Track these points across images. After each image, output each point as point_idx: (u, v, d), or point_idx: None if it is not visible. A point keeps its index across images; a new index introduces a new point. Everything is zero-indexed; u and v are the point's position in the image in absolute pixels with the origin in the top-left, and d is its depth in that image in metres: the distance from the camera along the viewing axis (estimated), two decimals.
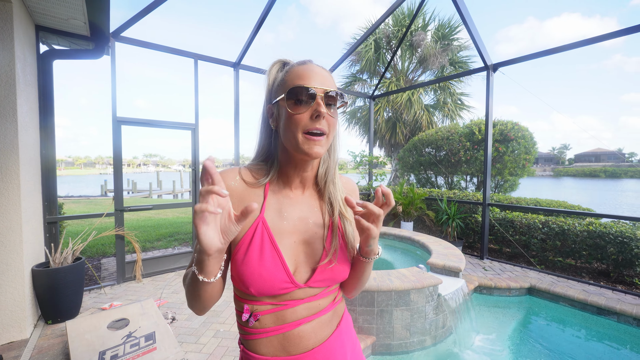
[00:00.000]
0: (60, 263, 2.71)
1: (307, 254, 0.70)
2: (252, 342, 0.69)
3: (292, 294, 0.68)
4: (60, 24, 2.89)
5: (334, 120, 0.67)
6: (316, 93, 0.63)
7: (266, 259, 0.65)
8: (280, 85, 0.68)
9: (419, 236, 3.99)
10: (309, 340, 0.69)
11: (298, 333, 0.68)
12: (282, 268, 0.65)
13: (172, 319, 2.71)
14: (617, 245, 3.51)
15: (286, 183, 0.73)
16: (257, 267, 0.64)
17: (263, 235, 0.66)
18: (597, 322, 2.86)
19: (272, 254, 0.65)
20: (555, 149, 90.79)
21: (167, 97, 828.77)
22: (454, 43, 10.38)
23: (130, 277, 3.63)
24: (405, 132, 10.84)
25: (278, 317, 0.67)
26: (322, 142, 0.64)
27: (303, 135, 0.63)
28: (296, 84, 0.64)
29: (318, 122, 0.63)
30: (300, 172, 0.71)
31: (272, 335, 0.68)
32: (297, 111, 0.63)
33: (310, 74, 0.65)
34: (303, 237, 0.70)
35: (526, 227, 4.32)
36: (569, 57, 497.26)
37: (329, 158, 0.74)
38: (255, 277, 0.63)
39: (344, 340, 0.75)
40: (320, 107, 0.62)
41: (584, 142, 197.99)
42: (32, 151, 2.73)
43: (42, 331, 2.53)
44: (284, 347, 0.68)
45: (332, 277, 0.71)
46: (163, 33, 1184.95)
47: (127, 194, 22.96)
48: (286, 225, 0.70)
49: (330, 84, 0.67)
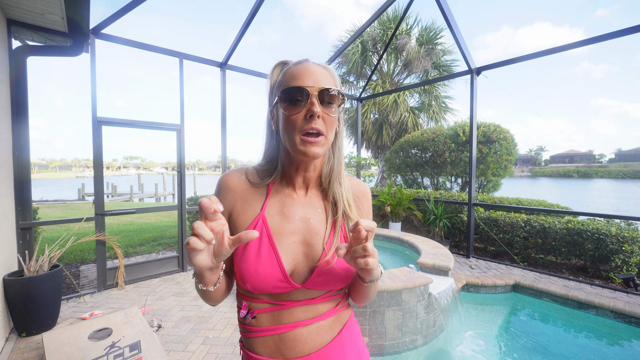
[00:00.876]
0: (35, 271, 2.55)
1: (307, 255, 0.68)
2: (250, 340, 0.70)
3: (290, 295, 0.67)
4: (35, 18, 2.74)
5: (332, 119, 0.65)
6: (310, 92, 0.61)
7: (263, 256, 0.64)
8: (278, 88, 0.67)
9: (407, 236, 4.04)
10: (305, 345, 0.67)
11: (294, 336, 0.66)
12: (278, 266, 0.64)
13: (158, 326, 2.61)
14: (594, 242, 3.68)
15: (289, 183, 0.72)
16: (254, 263, 0.64)
17: (262, 233, 0.66)
18: (578, 315, 2.98)
19: (269, 251, 0.65)
20: (532, 150, 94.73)
21: (150, 98, 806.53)
22: (437, 47, 10.65)
23: (112, 284, 3.47)
24: (392, 133, 11.00)
25: (275, 316, 0.67)
26: (319, 142, 0.63)
27: (300, 136, 0.62)
28: (290, 84, 0.63)
29: (313, 122, 0.61)
30: (302, 173, 0.71)
31: (268, 335, 0.67)
32: (291, 112, 0.62)
33: (304, 72, 0.64)
34: (304, 238, 0.69)
35: (509, 226, 4.46)
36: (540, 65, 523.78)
37: (333, 157, 0.73)
38: (251, 274, 0.64)
39: (344, 349, 0.72)
40: (314, 107, 0.61)
41: (558, 144, 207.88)
42: (3, 152, 2.57)
43: (15, 345, 2.36)
44: (279, 349, 0.67)
45: (332, 280, 0.68)
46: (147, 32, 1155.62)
47: (107, 197, 22.08)
48: (287, 225, 0.69)
49: (328, 81, 0.65)
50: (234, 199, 0.70)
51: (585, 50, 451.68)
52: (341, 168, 0.74)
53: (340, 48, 5.27)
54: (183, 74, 3.94)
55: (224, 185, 0.71)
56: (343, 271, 0.69)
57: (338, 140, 0.72)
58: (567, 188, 36.92)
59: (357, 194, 0.78)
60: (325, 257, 0.67)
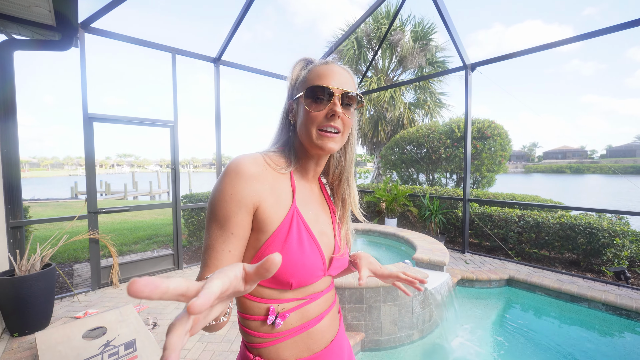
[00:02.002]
0: (27, 270, 2.50)
1: (324, 243, 0.71)
2: (275, 348, 0.64)
3: (315, 286, 0.69)
4: (21, 11, 2.66)
5: (350, 121, 0.69)
6: (334, 93, 0.65)
7: (306, 248, 0.64)
8: (301, 83, 0.69)
9: (403, 232, 4.05)
10: (328, 334, 0.70)
11: (320, 328, 0.68)
12: (320, 257, 0.67)
13: (153, 324, 2.59)
14: (587, 236, 3.74)
15: (304, 174, 0.74)
16: (300, 256, 0.63)
17: (299, 224, 0.65)
18: (571, 308, 3.03)
19: (310, 243, 0.66)
20: (526, 147, 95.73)
21: (143, 94, 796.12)
22: (431, 43, 10.64)
23: (107, 282, 3.43)
24: (388, 130, 11.00)
25: (303, 313, 0.66)
26: (336, 139, 0.67)
27: (317, 131, 0.65)
28: (316, 83, 0.65)
29: (333, 121, 0.65)
30: (314, 166, 0.74)
31: (297, 335, 0.65)
32: (314, 109, 0.65)
33: (330, 73, 0.66)
34: (321, 228, 0.72)
35: (503, 221, 4.51)
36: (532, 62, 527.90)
37: (345, 157, 0.78)
38: (298, 267, 0.62)
39: (344, 331, 0.80)
40: (336, 107, 0.64)
41: (550, 140, 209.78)
42: None
43: (7, 345, 2.32)
44: (307, 345, 0.67)
45: (342, 265, 0.75)
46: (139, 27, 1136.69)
47: (101, 195, 21.80)
48: (311, 215, 0.71)
49: (350, 84, 0.68)
50: (261, 189, 0.62)
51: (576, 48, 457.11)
52: (352, 169, 0.79)
53: (334, 44, 5.23)
54: (176, 70, 3.87)
55: (243, 172, 0.60)
56: (348, 258, 0.80)
57: (350, 141, 0.77)
58: (560, 184, 37.44)
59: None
60: (341, 249, 0.75)
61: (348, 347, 0.81)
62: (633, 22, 3.03)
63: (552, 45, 3.56)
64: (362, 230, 4.48)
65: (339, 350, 0.73)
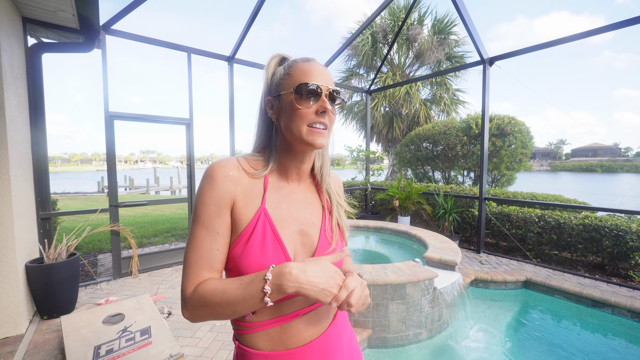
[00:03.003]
0: (54, 259, 2.68)
1: (304, 244, 0.71)
2: (249, 336, 0.68)
3: None
4: (48, 16, 2.83)
5: (334, 117, 0.72)
6: (322, 90, 0.67)
7: (268, 249, 0.65)
8: (283, 79, 0.69)
9: (415, 230, 3.99)
10: (307, 333, 0.69)
11: (295, 325, 0.68)
12: (284, 257, 0.66)
13: (168, 313, 2.71)
14: (613, 239, 3.53)
15: (283, 175, 0.74)
16: (260, 257, 0.64)
17: (264, 226, 0.67)
18: (592, 314, 2.89)
19: (274, 243, 0.66)
20: (553, 144, 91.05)
21: (163, 92, 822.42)
22: (450, 37, 10.31)
23: (127, 272, 3.61)
24: (403, 127, 10.81)
25: (275, 308, 0.66)
26: (325, 134, 0.69)
27: (307, 127, 0.66)
28: (303, 80, 0.67)
29: (323, 117, 0.67)
30: (298, 164, 0.74)
31: (269, 328, 0.67)
32: (303, 106, 0.66)
33: (315, 71, 0.68)
34: (300, 228, 0.71)
35: (522, 221, 4.34)
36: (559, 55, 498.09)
37: (325, 152, 0.79)
38: (257, 268, 0.63)
39: (340, 333, 0.75)
40: (326, 104, 0.67)
41: (580, 137, 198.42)
42: (23, 147, 2.69)
43: (37, 326, 2.51)
44: (281, 340, 0.67)
45: None
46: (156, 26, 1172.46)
47: (125, 190, 22.85)
48: (285, 217, 0.71)
49: (331, 82, 0.71)
50: (235, 190, 0.66)
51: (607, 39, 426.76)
52: (329, 163, 0.80)
53: (348, 39, 5.18)
54: (191, 69, 3.98)
55: (218, 176, 0.66)
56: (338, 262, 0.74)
57: (330, 137, 0.78)
58: (589, 183, 35.40)
59: (336, 183, 0.86)
60: (331, 246, 0.73)
61: (348, 350, 0.78)
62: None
63: (578, 36, 3.36)
64: (374, 227, 4.46)
65: (321, 351, 0.70)
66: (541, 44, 3.68)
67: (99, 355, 1.93)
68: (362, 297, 0.62)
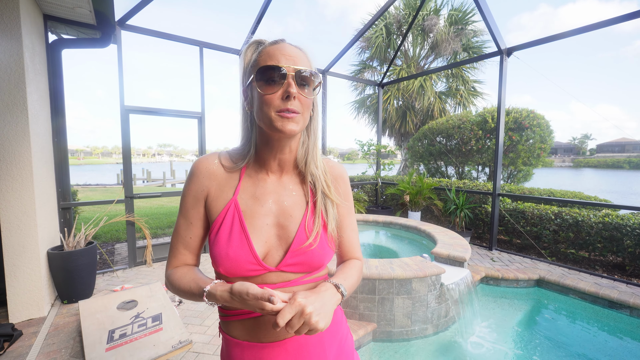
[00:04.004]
0: (73, 247, 2.82)
1: (281, 237, 0.69)
2: (226, 323, 0.71)
3: (264, 277, 0.67)
4: (67, 12, 2.92)
5: (308, 101, 0.65)
6: (287, 72, 0.61)
7: (234, 240, 0.65)
8: (252, 66, 0.66)
9: (425, 226, 3.94)
10: (281, 330, 0.65)
11: (269, 320, 0.66)
12: (249, 249, 0.65)
13: (179, 301, 2.81)
14: (635, 238, 3.37)
15: (262, 166, 0.72)
16: (225, 247, 0.65)
17: (234, 217, 0.67)
18: (609, 315, 2.78)
19: (239, 234, 0.66)
20: (576, 139, 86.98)
21: (178, 87, 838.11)
22: (467, 27, 9.96)
23: (141, 261, 3.76)
24: (416, 120, 10.60)
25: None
26: (296, 119, 0.63)
27: (276, 114, 0.62)
28: (267, 64, 0.63)
29: (289, 102, 0.62)
30: (277, 155, 0.70)
31: (243, 319, 0.68)
32: (267, 91, 0.62)
33: (281, 52, 0.63)
34: (277, 220, 0.70)
35: (538, 218, 4.19)
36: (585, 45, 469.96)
37: (308, 139, 0.73)
38: (222, 257, 0.65)
39: (323, 336, 0.71)
40: (291, 87, 0.61)
41: (606, 132, 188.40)
42: (44, 139, 2.82)
43: (58, 310, 2.66)
44: (255, 332, 0.67)
45: (307, 262, 0.68)
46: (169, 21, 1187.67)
47: (143, 182, 23.61)
48: (259, 208, 0.69)
49: (304, 63, 0.65)
50: (208, 184, 0.70)
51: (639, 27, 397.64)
52: (317, 151, 0.74)
53: (360, 32, 5.09)
54: (203, 63, 4.04)
55: (197, 171, 0.71)
56: (321, 255, 0.69)
57: (313, 123, 0.72)
58: (614, 180, 33.70)
59: (335, 175, 0.78)
60: (308, 240, 0.68)
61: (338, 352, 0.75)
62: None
63: (605, 23, 3.16)
64: (384, 222, 4.43)
65: (296, 351, 0.68)
66: (563, 32, 3.49)
67: (112, 338, 2.03)
68: (300, 325, 0.54)
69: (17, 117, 2.37)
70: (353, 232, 0.81)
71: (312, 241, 0.68)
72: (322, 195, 0.73)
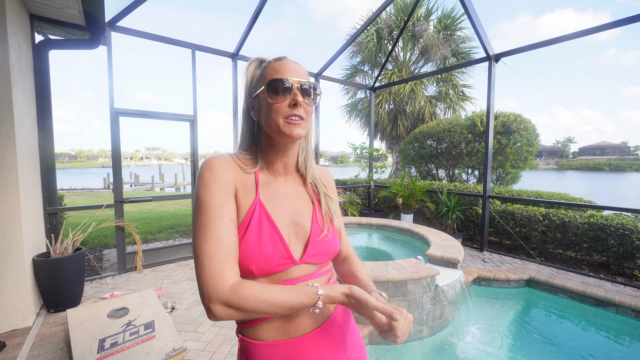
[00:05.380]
0: (60, 253, 2.73)
1: (297, 233, 0.75)
2: (252, 328, 0.71)
3: (289, 273, 0.71)
4: (54, 13, 2.85)
5: (310, 109, 0.75)
6: (292, 84, 0.71)
7: (264, 236, 0.69)
8: (259, 80, 0.74)
9: (418, 228, 3.98)
10: (308, 322, 0.72)
11: (298, 314, 0.71)
12: (281, 243, 0.70)
13: (171, 308, 2.75)
14: (618, 238, 3.49)
15: (271, 170, 0.78)
16: (257, 244, 0.67)
17: (261, 215, 0.71)
18: (596, 313, 2.87)
19: (270, 231, 0.70)
20: (560, 142, 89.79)
21: (168, 89, 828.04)
22: (456, 33, 10.20)
23: (132, 267, 3.66)
24: (407, 124, 10.75)
25: None
26: (302, 125, 0.72)
27: (283, 120, 0.70)
28: (274, 77, 0.71)
29: (296, 109, 0.70)
30: (283, 159, 0.78)
31: (272, 319, 0.70)
32: (276, 101, 0.70)
33: (285, 68, 0.72)
34: (292, 218, 0.76)
35: (527, 220, 4.30)
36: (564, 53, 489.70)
37: (307, 146, 0.82)
38: (256, 254, 0.66)
39: (341, 324, 0.78)
40: (297, 97, 0.70)
41: (587, 136, 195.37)
42: (30, 142, 2.73)
43: (44, 319, 2.57)
44: (284, 329, 0.70)
45: (324, 251, 0.77)
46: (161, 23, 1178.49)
47: (130, 187, 23.09)
48: (278, 207, 0.75)
49: (305, 77, 0.74)
50: (234, 180, 0.70)
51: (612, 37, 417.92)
52: (312, 156, 0.84)
53: (351, 37, 5.15)
54: (196, 65, 4.00)
55: (218, 166, 0.69)
56: (335, 244, 0.80)
57: (311, 129, 0.81)
58: (596, 182, 34.91)
59: (327, 177, 0.90)
60: (322, 232, 0.77)
61: (352, 340, 0.81)
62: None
63: (585, 32, 3.31)
64: (377, 225, 4.45)
65: (324, 340, 0.73)
66: (547, 40, 3.63)
67: (103, 348, 1.97)
68: (407, 330, 0.65)
69: (2, 119, 2.29)
70: (344, 229, 0.93)
71: (327, 232, 0.78)
72: (324, 195, 0.83)
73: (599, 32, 3.26)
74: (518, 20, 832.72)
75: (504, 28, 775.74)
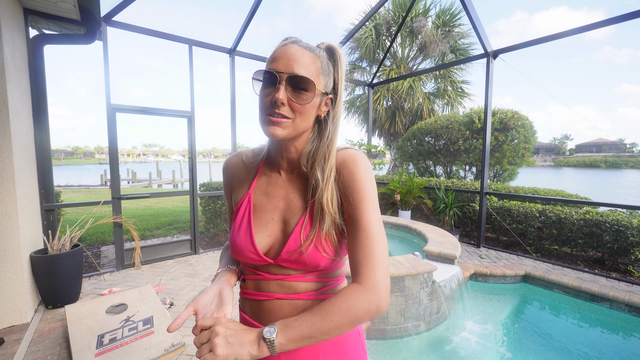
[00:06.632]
0: (58, 250, 2.72)
1: (284, 232, 0.71)
2: (242, 300, 0.80)
3: (267, 268, 0.72)
4: (49, 7, 2.81)
5: (303, 108, 0.62)
6: (277, 77, 0.60)
7: (242, 230, 0.71)
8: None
9: (416, 224, 4.01)
10: (277, 317, 0.70)
11: (268, 306, 0.72)
12: (250, 240, 0.70)
13: (170, 304, 2.75)
14: (613, 234, 3.53)
15: (274, 165, 0.75)
16: (235, 235, 0.72)
17: (245, 209, 0.73)
18: (590, 308, 2.91)
19: (246, 226, 0.71)
20: (557, 139, 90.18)
21: (165, 85, 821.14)
22: (455, 30, 10.17)
23: (130, 264, 3.66)
24: (405, 121, 10.75)
25: (256, 284, 0.74)
26: (283, 125, 0.62)
27: (266, 117, 0.62)
28: (268, 66, 0.63)
29: (276, 107, 0.60)
30: (284, 154, 0.71)
31: (251, 299, 0.75)
32: (263, 94, 0.63)
33: (282, 55, 0.61)
34: (283, 216, 0.71)
35: (523, 216, 4.33)
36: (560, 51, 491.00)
37: (318, 142, 0.68)
38: (232, 244, 0.72)
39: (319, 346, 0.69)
40: (278, 93, 0.59)
41: (583, 133, 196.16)
42: (26, 138, 2.71)
43: (42, 316, 2.57)
44: (258, 315, 0.74)
45: (302, 262, 0.66)
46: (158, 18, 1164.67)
47: (127, 183, 22.98)
48: (268, 204, 0.73)
49: (306, 67, 0.61)
50: (232, 180, 0.79)
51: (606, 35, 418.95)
52: (328, 154, 0.66)
53: (351, 32, 5.12)
54: (193, 61, 3.97)
55: (224, 170, 0.83)
56: (314, 259, 0.66)
57: (326, 126, 0.68)
58: (593, 178, 35.14)
59: (340, 164, 0.67)
60: (297, 250, 0.65)
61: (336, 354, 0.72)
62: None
63: (581, 29, 3.31)
64: None
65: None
66: (544, 37, 3.63)
67: (102, 343, 1.98)
68: (206, 340, 0.56)
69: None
70: (366, 241, 0.61)
71: (304, 249, 0.65)
72: (319, 200, 0.66)
73: (594, 30, 3.27)
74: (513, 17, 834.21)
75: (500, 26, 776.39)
